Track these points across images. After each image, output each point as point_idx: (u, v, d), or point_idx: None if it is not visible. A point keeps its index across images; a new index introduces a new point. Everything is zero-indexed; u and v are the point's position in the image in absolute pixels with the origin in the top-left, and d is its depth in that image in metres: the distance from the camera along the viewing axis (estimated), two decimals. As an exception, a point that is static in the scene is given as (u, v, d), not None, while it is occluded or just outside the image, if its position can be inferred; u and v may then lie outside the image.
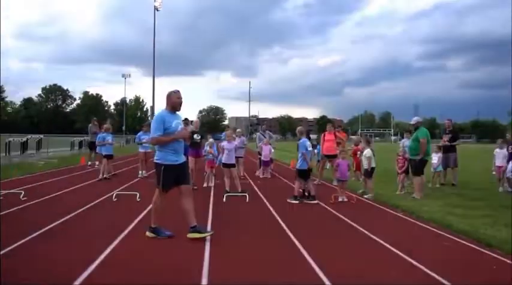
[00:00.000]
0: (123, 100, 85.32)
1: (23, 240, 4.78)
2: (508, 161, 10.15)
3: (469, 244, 5.16)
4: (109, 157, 11.51)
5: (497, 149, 10.65)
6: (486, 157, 16.94)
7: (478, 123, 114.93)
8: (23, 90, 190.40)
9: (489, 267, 4.28)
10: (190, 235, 5.06)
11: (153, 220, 5.21)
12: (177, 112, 5.34)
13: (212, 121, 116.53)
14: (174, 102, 5.21)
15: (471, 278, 3.94)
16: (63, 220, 6.00)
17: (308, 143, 8.40)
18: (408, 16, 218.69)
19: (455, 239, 5.41)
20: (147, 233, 5.16)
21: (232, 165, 9.18)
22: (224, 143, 9.22)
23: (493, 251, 4.86)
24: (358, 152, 10.90)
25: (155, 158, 5.18)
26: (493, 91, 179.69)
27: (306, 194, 8.45)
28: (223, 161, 9.16)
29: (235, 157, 9.68)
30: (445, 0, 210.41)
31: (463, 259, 4.52)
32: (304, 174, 8.28)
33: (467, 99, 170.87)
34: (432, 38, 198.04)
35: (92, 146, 15.43)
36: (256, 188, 10.10)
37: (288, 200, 8.16)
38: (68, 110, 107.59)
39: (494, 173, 10.92)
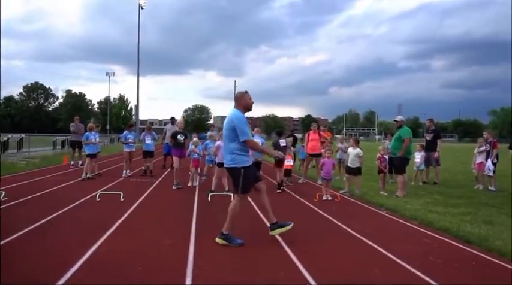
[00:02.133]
0: (107, 99, 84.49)
1: (3, 241, 4.70)
2: (486, 160, 10.40)
3: (450, 241, 5.26)
4: (92, 156, 11.38)
5: (478, 148, 10.88)
6: (467, 155, 17.27)
7: (460, 122, 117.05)
8: (4, 88, 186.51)
9: (469, 264, 4.37)
10: (274, 232, 5.03)
11: (227, 226, 4.90)
12: None
13: (197, 120, 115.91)
14: (248, 103, 5.08)
15: (451, 274, 4.01)
16: (44, 220, 5.91)
17: (256, 140, 9.36)
18: (393, 16, 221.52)
19: (437, 236, 5.51)
20: (218, 240, 4.85)
21: None
22: (218, 142, 9.19)
23: (472, 247, 4.97)
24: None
25: (230, 163, 4.91)
26: (475, 92, 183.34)
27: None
28: (218, 161, 9.13)
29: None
30: (428, 1, 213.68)
31: (444, 256, 4.60)
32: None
33: (449, 98, 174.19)
34: (416, 38, 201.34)
35: (74, 145, 15.22)
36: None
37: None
38: (50, 109, 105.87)
39: (474, 171, 11.16)
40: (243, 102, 5.06)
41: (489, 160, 10.24)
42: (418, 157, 11.33)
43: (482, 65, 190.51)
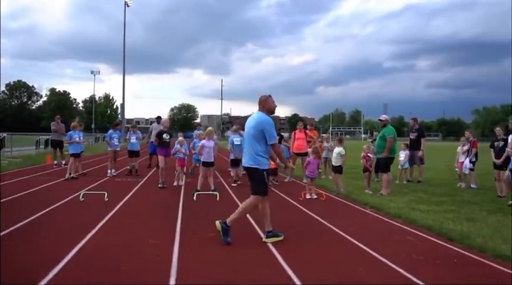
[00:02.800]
0: (92, 98, 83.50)
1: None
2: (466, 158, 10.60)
3: (433, 238, 5.34)
4: (76, 155, 11.22)
5: (460, 147, 11.07)
6: (451, 154, 17.55)
7: (444, 121, 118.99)
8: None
9: (450, 261, 4.44)
10: (268, 240, 5.01)
11: (233, 219, 4.99)
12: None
13: (183, 119, 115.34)
14: (272, 106, 5.17)
15: (433, 272, 4.07)
16: (26, 221, 5.81)
17: (236, 139, 10.68)
18: (380, 17, 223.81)
19: (420, 233, 5.58)
20: (217, 223, 4.98)
21: (212, 164, 9.17)
22: (203, 142, 9.17)
23: (454, 244, 5.05)
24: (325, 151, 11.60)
25: (253, 164, 4.96)
26: (459, 92, 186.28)
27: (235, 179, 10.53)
28: (203, 160, 9.10)
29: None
30: (415, 2, 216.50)
31: (427, 253, 4.66)
32: (233, 163, 10.70)
33: (434, 98, 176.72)
34: (402, 39, 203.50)
35: (55, 144, 14.99)
36: (227, 187, 10.10)
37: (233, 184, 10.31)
38: (33, 107, 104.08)
39: (457, 169, 11.33)
40: (267, 105, 5.15)
41: (467, 159, 10.45)
42: (403, 155, 11.45)
43: (466, 66, 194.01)
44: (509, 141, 8.24)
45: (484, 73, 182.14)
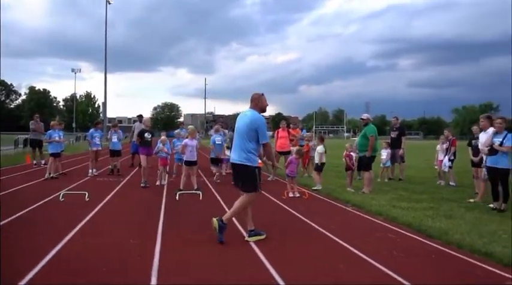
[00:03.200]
0: (73, 96, 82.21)
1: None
2: (444, 156, 10.81)
3: (412, 235, 5.43)
4: (56, 155, 11.03)
5: (440, 145, 11.27)
6: (431, 152, 17.85)
7: (425, 120, 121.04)
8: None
9: (429, 257, 4.52)
10: (251, 239, 5.00)
11: (229, 216, 5.00)
12: None
13: (166, 118, 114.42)
14: (264, 105, 5.20)
15: (412, 268, 4.14)
16: (5, 221, 5.69)
17: (217, 138, 11.28)
18: (363, 16, 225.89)
19: (400, 231, 5.67)
20: (214, 220, 4.89)
21: (194, 163, 9.12)
22: (186, 141, 9.12)
23: (433, 241, 5.15)
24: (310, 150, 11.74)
25: (245, 161, 4.95)
26: (439, 91, 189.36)
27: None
28: (186, 159, 9.05)
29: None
30: (397, 2, 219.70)
31: (407, 250, 4.74)
32: (213, 161, 11.40)
33: (415, 97, 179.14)
34: (385, 38, 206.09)
35: (34, 144, 14.70)
36: (210, 186, 10.07)
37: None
38: (12, 106, 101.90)
39: (436, 167, 11.54)
40: (260, 104, 5.17)
41: (446, 157, 10.66)
42: (384, 154, 11.61)
43: (447, 65, 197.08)
44: (483, 139, 8.40)
45: (464, 73, 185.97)
